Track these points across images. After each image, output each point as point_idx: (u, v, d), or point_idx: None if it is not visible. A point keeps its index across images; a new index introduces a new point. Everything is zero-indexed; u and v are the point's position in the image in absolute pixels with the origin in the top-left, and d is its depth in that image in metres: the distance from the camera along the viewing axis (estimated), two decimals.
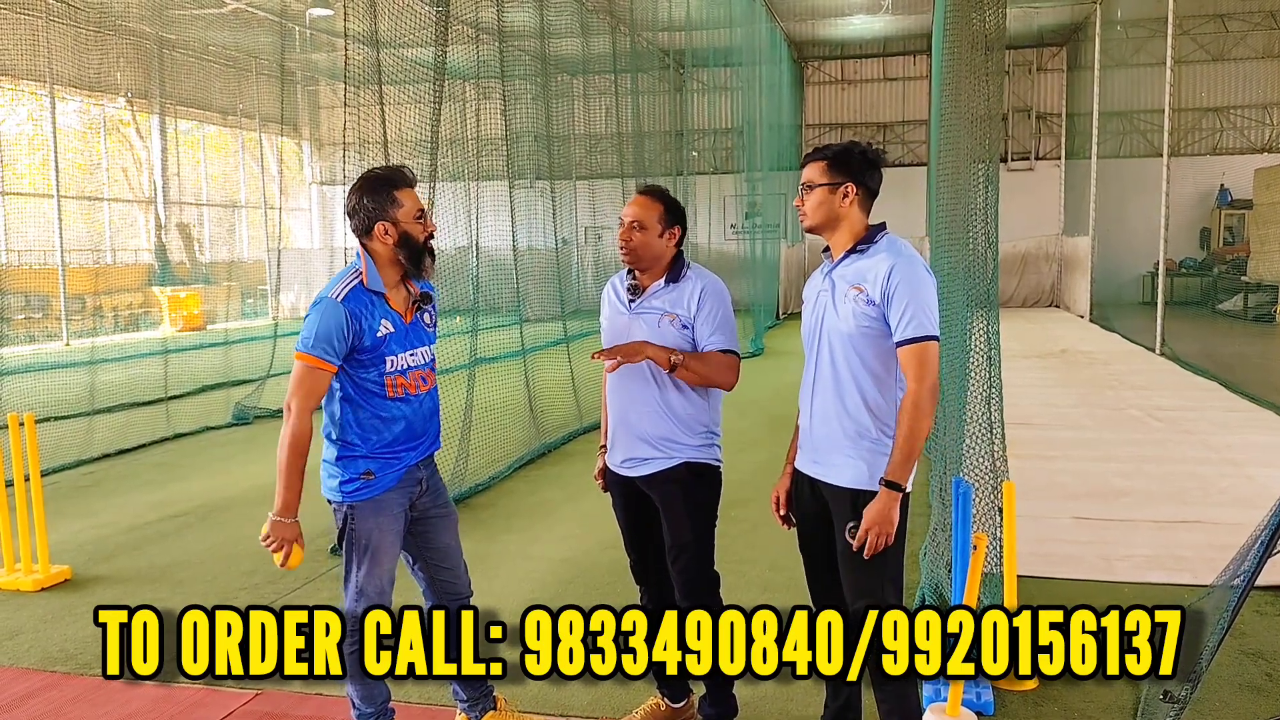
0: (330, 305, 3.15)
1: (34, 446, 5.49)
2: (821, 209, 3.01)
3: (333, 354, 3.14)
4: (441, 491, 3.54)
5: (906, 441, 2.85)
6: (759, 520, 6.40)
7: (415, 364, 3.31)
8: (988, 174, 5.00)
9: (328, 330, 3.12)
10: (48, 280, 19.54)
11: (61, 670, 4.40)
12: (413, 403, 3.31)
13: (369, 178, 3.24)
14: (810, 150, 3.09)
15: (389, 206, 3.18)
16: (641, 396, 3.40)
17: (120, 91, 22.57)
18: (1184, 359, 13.58)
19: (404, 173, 3.28)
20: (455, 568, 3.55)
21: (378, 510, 3.28)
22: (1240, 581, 3.42)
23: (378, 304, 3.22)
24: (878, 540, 2.86)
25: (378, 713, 3.40)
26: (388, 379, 3.24)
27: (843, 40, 26.03)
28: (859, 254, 2.99)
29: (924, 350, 2.85)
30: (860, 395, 2.95)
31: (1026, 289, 23.85)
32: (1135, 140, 24.77)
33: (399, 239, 3.20)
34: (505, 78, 11.75)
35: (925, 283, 2.90)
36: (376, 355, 3.21)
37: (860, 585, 2.97)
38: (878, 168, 3.05)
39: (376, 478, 3.26)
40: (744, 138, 21.14)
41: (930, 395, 2.85)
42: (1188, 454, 8.11)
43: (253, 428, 10.50)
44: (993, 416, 4.80)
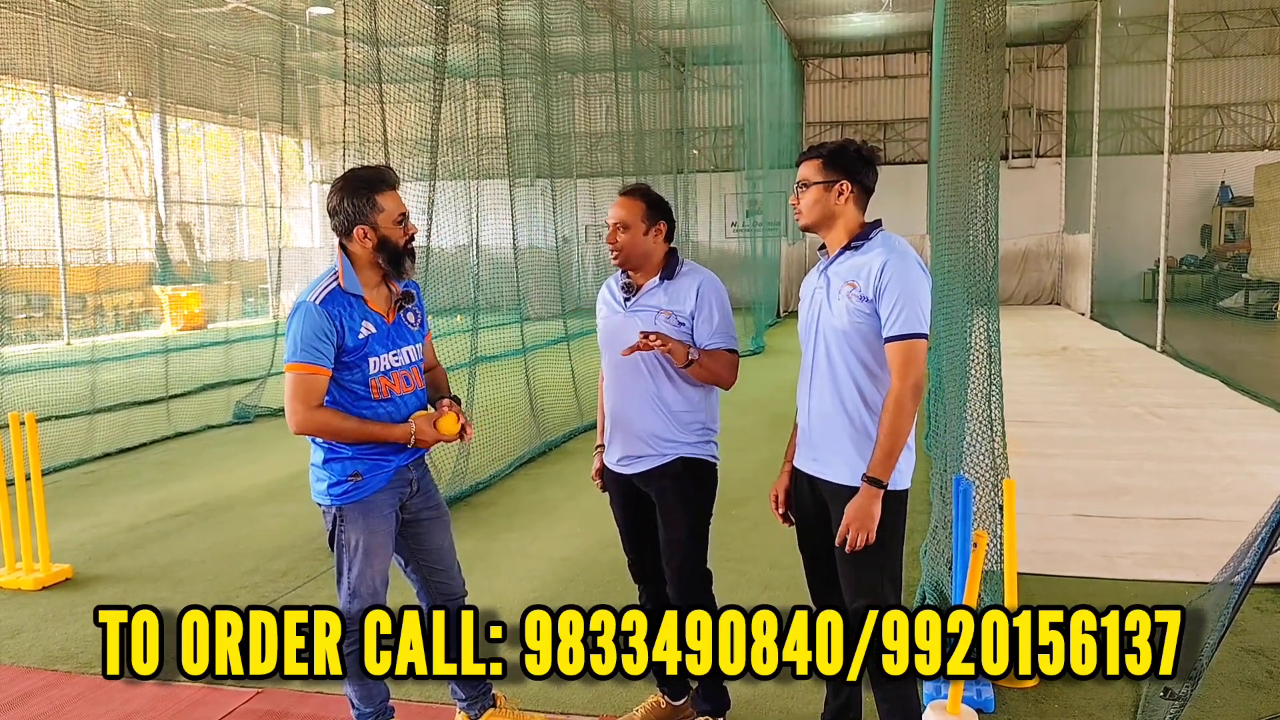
0: (309, 309, 3.12)
1: (35, 445, 5.49)
2: (817, 207, 3.02)
3: (321, 357, 3.11)
4: (433, 493, 3.53)
5: (887, 438, 2.87)
6: (760, 519, 6.40)
7: (399, 364, 3.28)
8: (988, 171, 4.99)
9: (310, 335, 3.10)
10: (49, 279, 19.55)
11: (62, 669, 4.41)
12: (397, 403, 3.27)
13: (350, 178, 3.21)
14: (805, 149, 3.09)
15: (369, 211, 3.15)
16: (637, 393, 3.41)
17: (121, 90, 22.57)
18: (1185, 356, 13.57)
19: (386, 174, 3.23)
20: (449, 569, 3.54)
21: (366, 512, 3.26)
22: (1241, 579, 3.42)
23: (356, 305, 3.19)
24: (858, 537, 2.86)
25: (376, 712, 3.40)
26: (371, 381, 3.21)
27: (843, 38, 26.01)
28: (854, 251, 3.00)
29: (910, 348, 2.86)
30: (857, 391, 2.96)
31: (1027, 286, 23.84)
32: (1136, 137, 24.75)
33: (378, 243, 3.18)
34: (505, 76, 11.75)
35: (917, 280, 2.90)
36: (360, 356, 3.18)
37: (859, 583, 2.97)
38: (873, 165, 3.05)
39: (364, 479, 3.24)
40: (744, 136, 21.13)
41: (913, 393, 2.86)
42: (1189, 451, 8.10)
43: (254, 426, 10.50)
44: (993, 414, 4.80)
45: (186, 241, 24.80)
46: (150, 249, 24.36)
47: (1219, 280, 22.22)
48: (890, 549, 2.95)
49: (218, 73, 25.27)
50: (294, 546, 6.15)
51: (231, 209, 28.46)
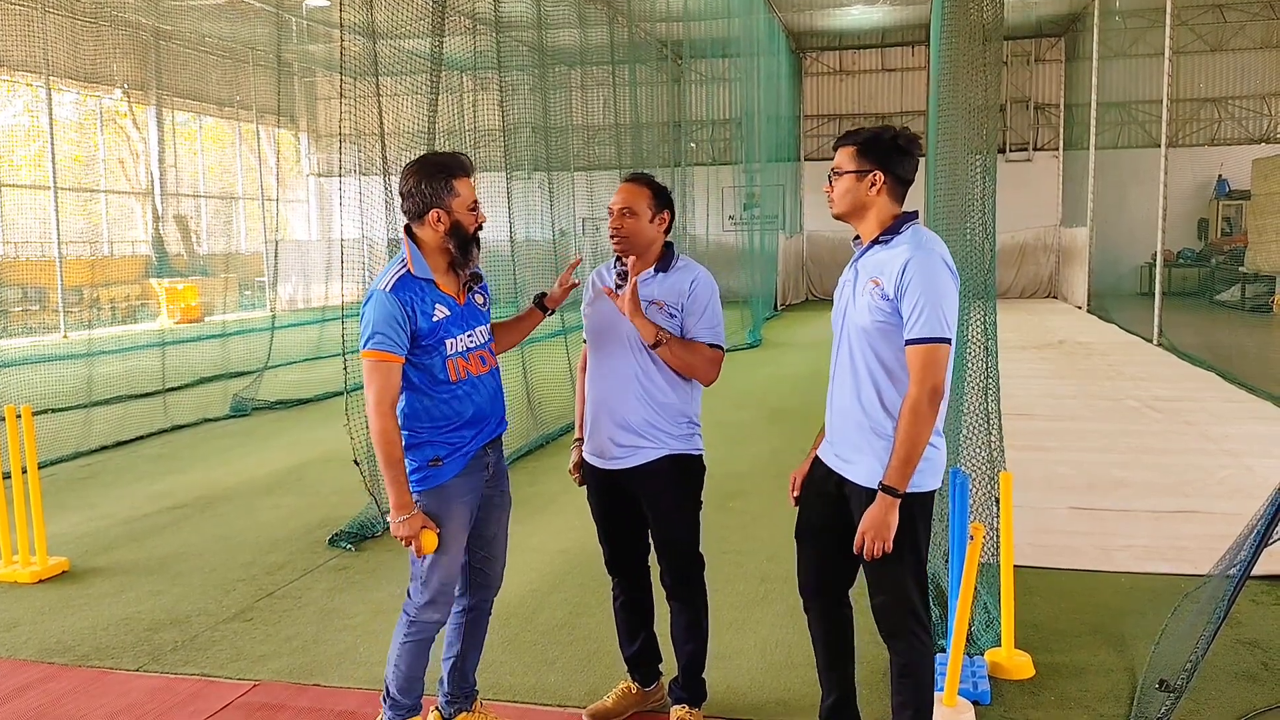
0: (381, 297, 3.11)
1: (31, 438, 5.49)
2: (848, 196, 2.92)
3: (395, 344, 3.10)
4: (504, 478, 3.52)
5: (903, 446, 2.76)
6: (758, 513, 6.41)
7: (474, 344, 3.29)
8: (985, 165, 4.99)
9: (383, 321, 3.08)
10: (45, 272, 19.51)
11: (59, 662, 4.40)
12: (477, 384, 3.28)
13: (429, 161, 3.20)
14: (842, 134, 2.98)
15: (446, 194, 3.15)
16: (623, 381, 3.42)
17: (117, 83, 22.51)
18: (1182, 349, 13.58)
19: (463, 160, 3.23)
20: (496, 558, 3.53)
21: (443, 499, 3.24)
22: (1236, 571, 3.43)
23: (428, 290, 3.18)
24: (875, 546, 2.80)
25: (413, 705, 3.39)
26: (449, 362, 3.20)
27: (841, 31, 25.98)
28: (882, 244, 2.89)
29: (931, 352, 2.74)
30: (876, 392, 2.87)
31: (1024, 280, 23.85)
32: (1133, 131, 24.74)
33: (450, 227, 3.17)
34: (502, 69, 11.72)
35: (943, 280, 2.78)
36: (436, 340, 3.17)
37: (882, 580, 2.93)
38: (911, 155, 2.91)
39: (444, 464, 3.23)
40: (742, 129, 21.09)
41: (930, 400, 2.75)
42: (1186, 444, 8.11)
43: (251, 419, 10.49)
44: (990, 407, 4.81)
45: (183, 234, 24.76)
46: (147, 242, 24.33)
47: (1216, 274, 22.24)
48: (915, 549, 2.88)
49: (214, 65, 25.20)
50: (292, 539, 6.15)
51: (228, 202, 28.40)
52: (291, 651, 4.43)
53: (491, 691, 3.93)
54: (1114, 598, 4.86)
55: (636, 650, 3.71)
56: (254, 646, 4.50)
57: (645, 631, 3.71)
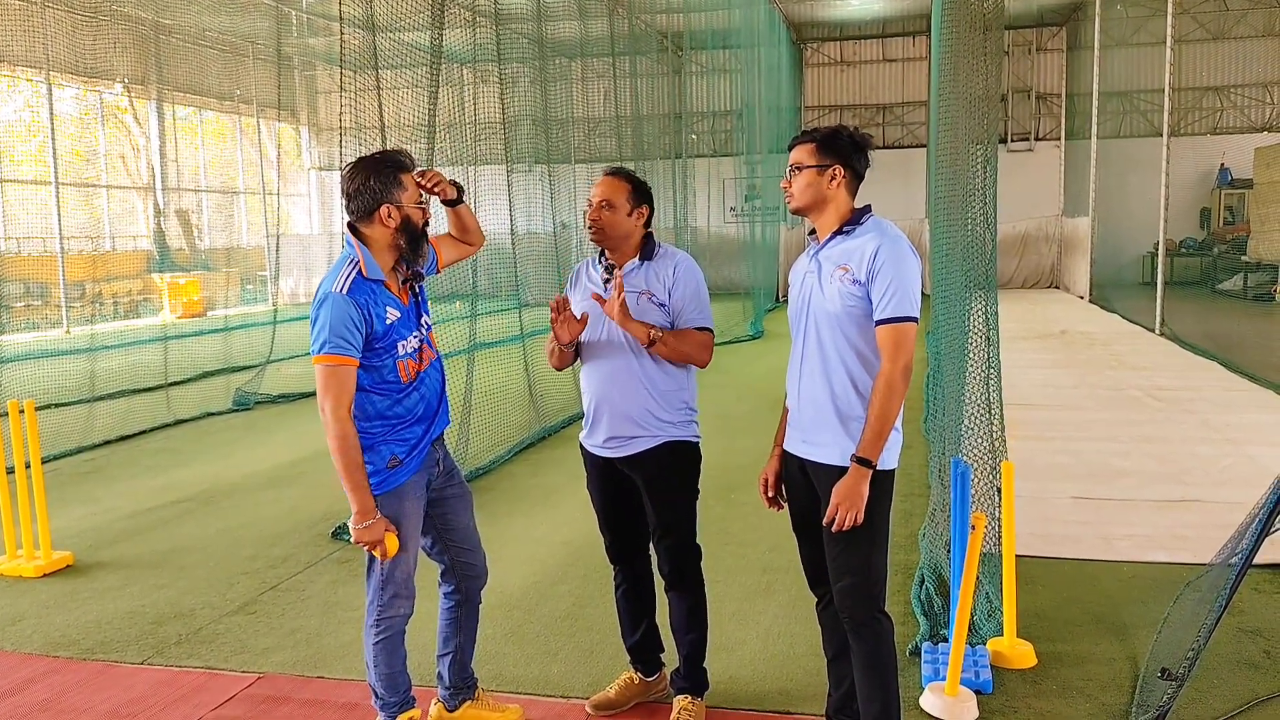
0: (337, 300, 3.09)
1: (34, 433, 5.50)
2: (809, 191, 3.05)
3: (350, 347, 3.09)
4: (455, 470, 3.54)
5: (877, 420, 2.90)
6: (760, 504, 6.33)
7: (419, 342, 3.31)
8: (986, 155, 4.99)
9: (339, 325, 3.07)
10: (47, 268, 19.52)
11: (64, 655, 4.42)
12: (424, 378, 3.31)
13: (374, 159, 3.21)
14: (798, 133, 3.11)
15: (395, 189, 3.15)
16: (622, 373, 3.44)
17: (117, 77, 22.49)
18: (1184, 339, 13.57)
19: (405, 157, 3.24)
20: (475, 549, 3.56)
21: (401, 498, 3.26)
22: (1238, 560, 3.43)
23: (379, 292, 3.17)
24: (846, 517, 2.88)
25: (402, 701, 3.39)
26: (400, 364, 3.22)
27: (841, 21, 25.92)
28: (845, 235, 3.03)
29: (900, 331, 2.89)
30: (847, 375, 2.99)
31: (1026, 270, 23.81)
32: (1135, 120, 24.70)
33: (401, 222, 3.17)
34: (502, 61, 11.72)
35: (909, 264, 2.94)
36: (389, 342, 3.18)
37: (846, 562, 2.99)
38: (865, 151, 3.08)
39: (403, 462, 3.25)
40: (743, 120, 21.06)
41: (903, 375, 2.89)
42: (1188, 434, 8.11)
43: (253, 413, 10.51)
44: (991, 397, 4.81)
45: (185, 229, 24.75)
46: (149, 237, 24.33)
47: (1218, 263, 22.20)
48: (879, 528, 2.98)
49: (214, 59, 25.16)
50: (294, 532, 6.17)
51: (229, 196, 28.39)
52: (295, 644, 4.45)
53: (495, 682, 3.94)
54: (1116, 587, 4.86)
55: (639, 640, 3.73)
56: (258, 639, 4.52)
57: (647, 620, 3.73)
